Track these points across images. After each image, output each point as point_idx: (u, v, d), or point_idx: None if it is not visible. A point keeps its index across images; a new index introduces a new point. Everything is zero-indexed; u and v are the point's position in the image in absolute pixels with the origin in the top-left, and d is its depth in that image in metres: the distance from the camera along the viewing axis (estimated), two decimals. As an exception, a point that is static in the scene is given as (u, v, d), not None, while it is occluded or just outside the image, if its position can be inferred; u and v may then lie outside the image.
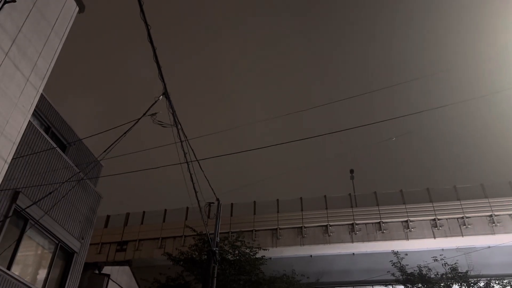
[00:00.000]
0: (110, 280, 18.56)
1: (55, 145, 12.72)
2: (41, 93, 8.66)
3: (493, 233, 25.72)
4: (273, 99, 65.71)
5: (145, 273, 23.82)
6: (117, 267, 21.07)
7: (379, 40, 63.36)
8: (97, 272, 18.56)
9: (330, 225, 27.63)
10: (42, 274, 12.32)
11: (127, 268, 22.68)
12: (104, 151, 8.68)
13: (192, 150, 11.17)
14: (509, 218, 26.01)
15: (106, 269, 19.38)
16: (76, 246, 13.38)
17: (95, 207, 14.57)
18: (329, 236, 27.33)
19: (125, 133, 9.07)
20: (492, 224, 25.92)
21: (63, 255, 13.06)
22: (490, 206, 26.48)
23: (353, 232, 27.22)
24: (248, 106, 64.43)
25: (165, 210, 30.94)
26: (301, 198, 29.35)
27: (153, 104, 9.54)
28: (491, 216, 26.18)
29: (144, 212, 31.24)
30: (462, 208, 26.81)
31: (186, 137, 11.01)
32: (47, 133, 13.20)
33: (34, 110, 9.13)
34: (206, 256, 20.28)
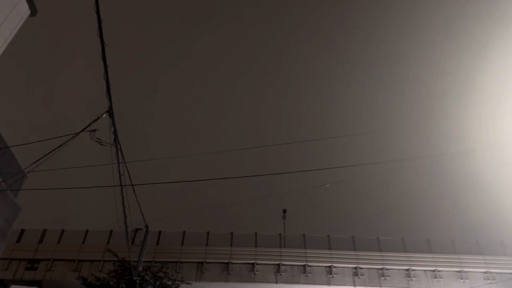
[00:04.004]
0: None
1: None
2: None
3: (408, 287, 27.01)
4: (218, 133, 65.79)
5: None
6: (25, 287, 19.36)
7: (323, 92, 66.30)
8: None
9: (257, 264, 27.55)
10: None
11: (35, 289, 20.93)
12: (34, 162, 8.17)
13: (129, 173, 10.85)
14: (424, 274, 27.52)
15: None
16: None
17: (12, 219, 13.46)
18: (254, 274, 27.18)
19: (59, 146, 8.64)
20: (408, 278, 27.24)
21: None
22: (408, 260, 27.93)
23: (278, 273, 27.30)
24: (192, 137, 63.93)
25: (87, 230, 29.22)
26: (231, 233, 29.14)
27: (95, 120, 9.24)
28: (408, 270, 27.56)
29: (63, 230, 29.27)
30: (382, 259, 27.99)
31: (124, 159, 10.70)
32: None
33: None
34: (124, 285, 19.32)
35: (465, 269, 27.86)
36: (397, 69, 59.71)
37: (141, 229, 16.72)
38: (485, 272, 27.76)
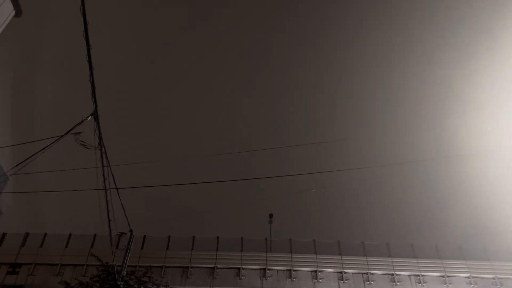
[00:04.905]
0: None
1: (-43, 150, 11.52)
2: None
3: (392, 291, 27.26)
4: (204, 137, 65.56)
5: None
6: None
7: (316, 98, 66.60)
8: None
9: (243, 268, 27.47)
10: None
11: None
12: (16, 165, 8.04)
13: (113, 176, 10.74)
14: (408, 279, 27.77)
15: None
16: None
17: (-8, 223, 13.18)
18: (240, 279, 27.09)
19: (43, 149, 8.53)
20: (393, 283, 27.46)
21: None
22: (393, 265, 28.16)
23: (264, 278, 27.26)
24: (179, 141, 63.53)
25: (70, 234, 28.79)
26: (217, 237, 29.02)
27: (80, 123, 9.16)
28: (392, 274, 27.78)
29: (45, 234, 28.78)
30: (367, 264, 28.16)
31: (108, 162, 10.60)
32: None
33: None
34: (108, 290, 19.09)
35: (449, 274, 28.21)
36: (386, 76, 60.48)
37: (126, 233, 16.55)
38: (468, 277, 28.13)
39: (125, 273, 15.65)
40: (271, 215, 35.25)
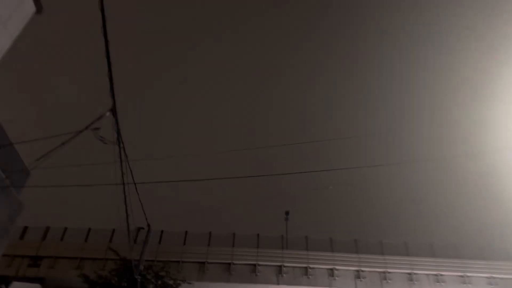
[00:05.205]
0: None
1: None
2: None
3: (410, 290, 26.90)
4: (222, 133, 65.76)
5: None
6: (27, 284, 19.40)
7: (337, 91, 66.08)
8: (3, 287, 16.97)
9: (259, 265, 27.50)
10: None
11: (38, 286, 20.95)
12: (37, 159, 8.19)
13: (131, 171, 10.85)
14: (426, 278, 27.37)
15: (15, 285, 17.78)
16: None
17: (14, 216, 13.48)
18: (256, 275, 27.13)
19: (63, 143, 8.66)
20: (410, 282, 27.10)
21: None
22: (410, 264, 27.78)
23: (280, 274, 27.24)
24: (196, 136, 63.90)
25: (89, 229, 29.28)
26: (234, 233, 29.11)
27: (98, 118, 9.25)
28: (410, 274, 27.41)
29: (66, 228, 29.34)
30: (385, 262, 27.86)
31: (127, 157, 10.70)
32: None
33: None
34: (126, 284, 19.33)
35: (468, 274, 27.70)
36: (400, 71, 59.53)
37: (143, 228, 16.71)
38: (489, 277, 27.57)
39: (142, 267, 15.81)
40: (287, 212, 35.18)
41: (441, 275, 27.57)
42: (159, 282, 20.75)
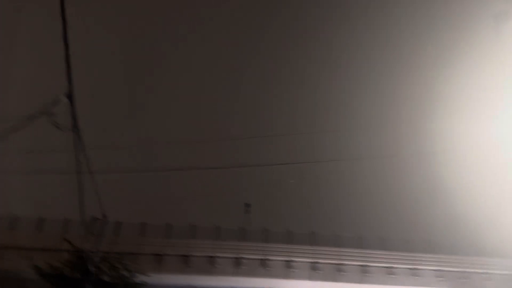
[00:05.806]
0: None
1: None
2: None
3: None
4: (183, 123, 64.78)
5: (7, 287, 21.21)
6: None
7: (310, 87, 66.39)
8: None
9: (217, 256, 27.54)
10: None
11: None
12: (-14, 145, 7.81)
13: (87, 160, 10.57)
14: (378, 270, 28.48)
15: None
16: None
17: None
18: (215, 268, 27.17)
19: (15, 129, 8.30)
20: (363, 274, 28.13)
21: None
22: (364, 257, 28.81)
23: (237, 266, 27.42)
24: (157, 126, 62.52)
25: (41, 218, 28.16)
26: (192, 225, 28.93)
27: (54, 103, 8.93)
28: (363, 266, 28.45)
29: (16, 217, 28.07)
30: (339, 255, 28.63)
31: (83, 145, 10.41)
32: None
33: None
34: (80, 275, 18.89)
35: (418, 267, 29.01)
36: (374, 67, 60.82)
37: (99, 219, 16.36)
38: (437, 270, 28.98)
39: (98, 258, 15.48)
40: (247, 205, 35.25)
41: (393, 267, 28.72)
42: (115, 274, 20.38)
